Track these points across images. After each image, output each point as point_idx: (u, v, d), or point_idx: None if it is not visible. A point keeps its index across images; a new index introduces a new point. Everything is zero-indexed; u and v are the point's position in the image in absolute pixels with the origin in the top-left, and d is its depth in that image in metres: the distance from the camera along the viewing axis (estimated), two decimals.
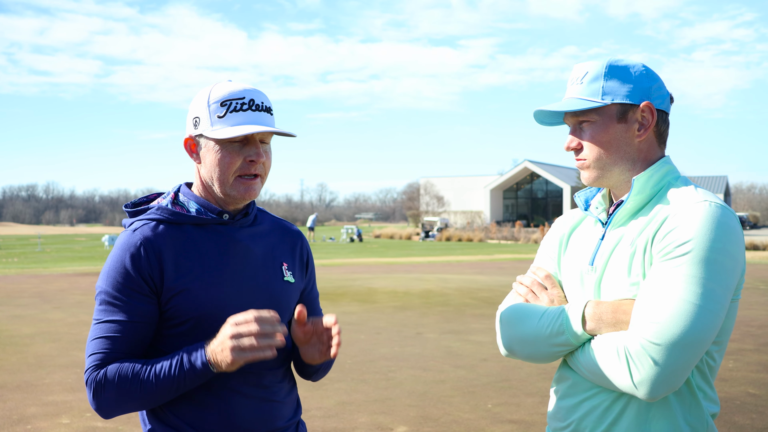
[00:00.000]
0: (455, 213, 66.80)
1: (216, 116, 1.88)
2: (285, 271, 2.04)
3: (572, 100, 1.89)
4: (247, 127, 1.85)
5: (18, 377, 7.42)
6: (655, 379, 1.65)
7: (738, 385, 6.97)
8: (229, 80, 1.95)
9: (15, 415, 6.04)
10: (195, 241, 1.91)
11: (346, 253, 34.40)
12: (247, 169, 1.91)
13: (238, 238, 1.97)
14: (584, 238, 1.99)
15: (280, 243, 2.08)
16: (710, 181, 66.51)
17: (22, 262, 27.20)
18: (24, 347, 9.08)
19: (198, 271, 1.88)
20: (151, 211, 1.94)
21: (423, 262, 27.39)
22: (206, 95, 1.91)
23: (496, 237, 49.76)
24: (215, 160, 1.90)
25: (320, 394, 6.75)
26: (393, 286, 16.83)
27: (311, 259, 2.20)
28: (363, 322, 11.31)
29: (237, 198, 1.93)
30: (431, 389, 6.94)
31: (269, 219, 2.12)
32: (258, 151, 1.90)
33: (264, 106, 1.92)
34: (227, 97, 1.88)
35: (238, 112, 1.87)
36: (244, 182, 1.92)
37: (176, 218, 1.92)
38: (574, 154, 1.94)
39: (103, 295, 1.87)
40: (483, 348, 9.05)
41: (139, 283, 1.85)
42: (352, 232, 52.55)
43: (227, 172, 1.90)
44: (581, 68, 1.92)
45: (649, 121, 1.86)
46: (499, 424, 5.78)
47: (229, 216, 1.97)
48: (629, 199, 1.84)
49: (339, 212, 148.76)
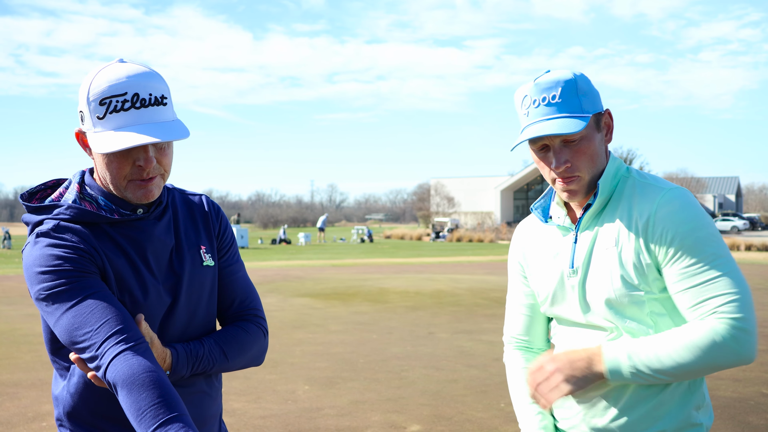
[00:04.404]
0: (466, 214, 66.73)
1: (96, 116, 1.65)
2: (204, 254, 1.90)
3: (566, 121, 1.82)
4: (123, 139, 1.62)
5: (33, 375, 7.48)
6: (754, 343, 1.74)
7: (751, 386, 6.94)
8: (120, 60, 1.71)
9: (30, 412, 6.09)
10: (117, 242, 1.76)
11: (357, 253, 34.44)
12: (138, 174, 1.71)
13: (155, 233, 1.82)
14: (552, 246, 2.01)
15: (192, 224, 1.93)
16: (721, 181, 66.20)
17: None
18: (38, 345, 9.15)
19: (127, 277, 1.75)
20: (60, 211, 1.73)
21: (434, 262, 27.37)
22: (87, 88, 1.67)
23: (506, 238, 49.67)
24: (103, 164, 1.72)
25: (333, 393, 6.77)
26: (404, 286, 16.82)
27: (226, 224, 2.02)
28: (375, 322, 11.32)
29: (134, 201, 1.76)
30: (444, 388, 6.94)
31: (178, 198, 1.94)
32: (147, 156, 1.69)
33: (152, 99, 1.65)
34: (107, 92, 1.63)
35: (120, 112, 1.63)
36: (139, 185, 1.73)
37: (91, 219, 1.73)
38: (556, 174, 1.88)
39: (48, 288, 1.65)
40: (495, 348, 9.05)
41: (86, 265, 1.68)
42: (362, 232, 52.58)
43: (117, 177, 1.72)
44: (546, 85, 1.85)
45: (611, 125, 1.94)
46: (512, 424, 5.78)
47: (143, 211, 1.81)
48: (597, 201, 1.89)
49: (349, 213, 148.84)
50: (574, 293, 1.93)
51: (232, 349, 1.88)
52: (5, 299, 14.37)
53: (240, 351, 1.89)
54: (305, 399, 6.56)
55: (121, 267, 1.74)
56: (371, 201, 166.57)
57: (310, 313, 12.40)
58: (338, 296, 14.76)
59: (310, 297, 14.88)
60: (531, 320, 2.13)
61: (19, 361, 8.18)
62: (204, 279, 1.89)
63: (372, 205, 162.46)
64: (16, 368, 7.82)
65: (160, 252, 1.82)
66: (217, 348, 1.85)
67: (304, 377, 7.42)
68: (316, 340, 9.71)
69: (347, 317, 11.88)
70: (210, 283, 1.91)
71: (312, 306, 13.46)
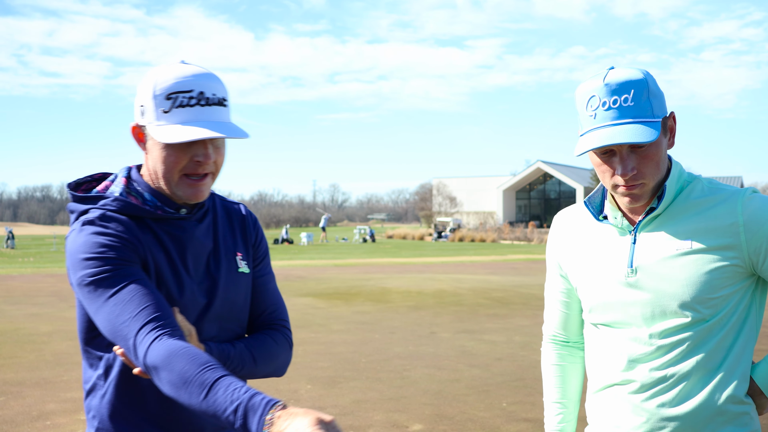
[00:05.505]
0: (468, 213, 66.72)
1: (161, 110, 1.70)
2: (239, 261, 1.92)
3: (639, 128, 1.73)
4: (192, 131, 1.67)
5: (36, 374, 7.51)
6: None
7: None
8: (182, 62, 1.77)
9: (34, 411, 6.12)
10: (159, 238, 1.78)
11: (360, 253, 34.46)
12: (193, 169, 1.74)
13: (195, 234, 1.84)
14: (605, 246, 1.94)
15: (230, 230, 1.95)
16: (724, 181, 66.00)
17: (38, 262, 27.43)
18: (42, 345, 9.19)
19: (165, 274, 1.77)
20: (107, 202, 1.76)
21: (436, 262, 27.39)
22: (152, 83, 1.72)
23: (509, 238, 49.66)
24: (160, 157, 1.74)
25: (336, 392, 6.79)
26: (406, 286, 16.85)
27: (261, 235, 2.04)
28: (377, 322, 11.35)
29: (183, 198, 1.78)
30: (446, 388, 6.96)
31: (218, 204, 1.97)
32: (206, 152, 1.73)
33: (216, 99, 1.72)
34: (173, 88, 1.69)
35: (185, 107, 1.69)
36: (190, 183, 1.76)
37: (136, 212, 1.76)
38: (621, 180, 1.80)
39: (92, 274, 1.66)
40: (497, 347, 9.06)
41: (129, 254, 1.69)
42: (364, 232, 52.62)
43: (172, 170, 1.74)
44: (617, 86, 1.75)
45: (674, 128, 1.86)
46: (514, 423, 5.80)
47: (186, 211, 1.83)
48: (663, 203, 1.84)
49: (351, 213, 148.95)
50: (634, 295, 1.86)
51: (261, 354, 1.90)
52: (9, 299, 14.41)
53: (268, 358, 1.92)
54: (307, 398, 6.58)
55: (160, 262, 1.76)
56: (373, 201, 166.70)
57: (313, 313, 12.42)
58: (340, 296, 14.78)
59: (312, 297, 14.90)
60: (567, 316, 2.11)
61: (22, 360, 8.22)
62: (238, 285, 1.91)
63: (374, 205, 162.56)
64: (20, 367, 7.85)
65: (199, 253, 1.84)
66: (247, 352, 1.87)
67: (307, 377, 7.44)
68: (319, 339, 9.73)
69: (349, 317, 11.90)
70: (244, 290, 1.93)
71: (314, 306, 13.49)
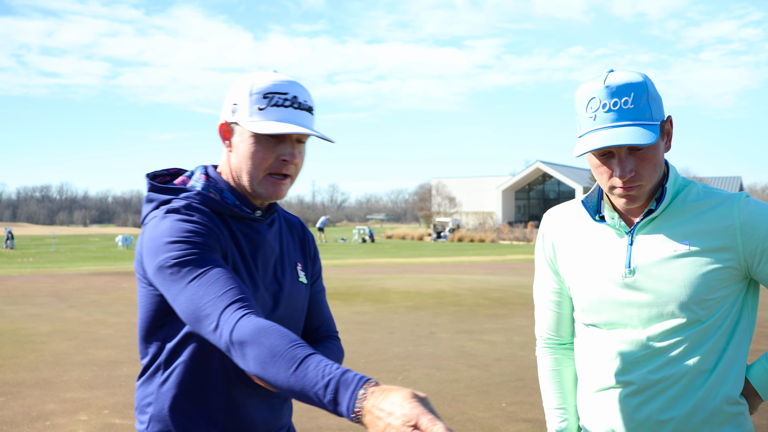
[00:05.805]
0: (467, 214, 66.75)
1: (257, 107, 1.78)
2: (299, 271, 1.97)
3: (639, 130, 1.75)
4: (288, 125, 1.75)
5: (36, 374, 7.51)
6: None
7: None
8: (274, 71, 1.86)
9: (34, 411, 6.13)
10: (235, 236, 1.82)
11: (359, 253, 34.47)
12: (278, 167, 1.81)
13: (267, 237, 1.89)
14: (600, 246, 1.94)
15: (292, 241, 2.01)
16: (724, 181, 66.10)
17: (37, 262, 27.41)
18: (41, 345, 9.19)
19: (240, 270, 1.80)
20: (189, 195, 1.81)
21: (435, 262, 27.40)
22: (249, 83, 1.81)
23: (508, 238, 49.68)
24: (248, 153, 1.80)
25: None
26: (405, 286, 16.86)
27: (317, 251, 2.12)
28: (376, 322, 11.35)
29: (263, 196, 1.83)
30: (445, 388, 6.97)
31: (280, 213, 2.03)
32: (293, 151, 1.81)
33: (306, 105, 1.82)
34: (271, 89, 1.78)
35: (280, 107, 1.77)
36: (273, 181, 1.82)
37: (216, 207, 1.81)
38: (619, 182, 1.82)
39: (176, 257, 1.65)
40: (496, 347, 9.07)
41: (212, 242, 1.72)
42: (364, 232, 52.60)
43: (259, 167, 1.80)
44: (617, 88, 1.77)
45: (671, 132, 1.88)
46: (513, 423, 5.81)
47: (261, 212, 1.89)
48: (662, 205, 1.86)
49: (351, 213, 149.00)
50: (631, 296, 1.87)
51: (338, 358, 2.00)
52: (9, 299, 14.40)
53: (339, 362, 2.00)
54: None
55: (236, 258, 1.80)
56: (372, 201, 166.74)
57: None
58: (340, 296, 14.78)
59: None
60: (559, 316, 2.08)
61: (22, 361, 8.22)
62: (300, 294, 1.95)
63: (373, 205, 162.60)
64: (20, 368, 7.85)
65: (269, 256, 1.89)
66: (328, 351, 1.97)
67: None
68: None
69: (349, 317, 11.90)
70: (302, 299, 1.97)
71: None
